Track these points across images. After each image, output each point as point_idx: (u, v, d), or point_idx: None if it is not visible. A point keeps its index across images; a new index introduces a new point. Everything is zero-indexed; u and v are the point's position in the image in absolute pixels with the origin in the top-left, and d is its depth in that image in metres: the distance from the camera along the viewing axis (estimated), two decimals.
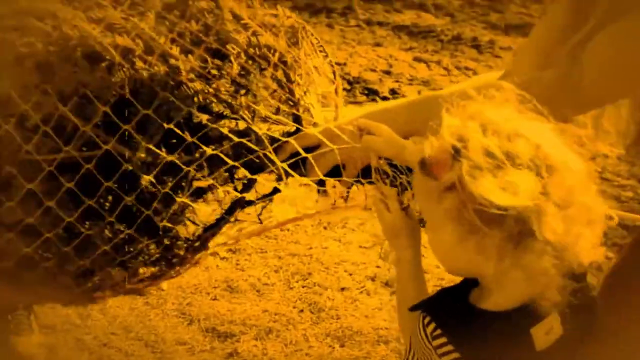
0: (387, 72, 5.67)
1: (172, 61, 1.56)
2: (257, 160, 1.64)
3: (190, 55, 1.57)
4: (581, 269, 1.33)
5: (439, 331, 1.32)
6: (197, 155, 1.60)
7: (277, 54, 1.67)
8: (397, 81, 5.52)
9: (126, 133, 1.56)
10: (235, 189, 1.74)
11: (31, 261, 1.64)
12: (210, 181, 1.67)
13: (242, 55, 1.63)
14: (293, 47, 1.74)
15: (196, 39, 1.60)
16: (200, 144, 1.58)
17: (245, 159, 1.62)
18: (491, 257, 1.24)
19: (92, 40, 1.54)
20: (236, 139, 1.58)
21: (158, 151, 1.54)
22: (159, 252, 1.74)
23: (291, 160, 1.62)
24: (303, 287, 3.24)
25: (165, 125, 1.54)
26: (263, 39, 1.66)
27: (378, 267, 3.36)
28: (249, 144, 1.60)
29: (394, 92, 5.31)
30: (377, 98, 5.22)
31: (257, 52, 1.66)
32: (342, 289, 3.23)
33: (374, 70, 5.70)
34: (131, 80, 1.54)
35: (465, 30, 6.29)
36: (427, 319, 1.34)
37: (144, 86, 1.54)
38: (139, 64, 1.55)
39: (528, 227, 1.20)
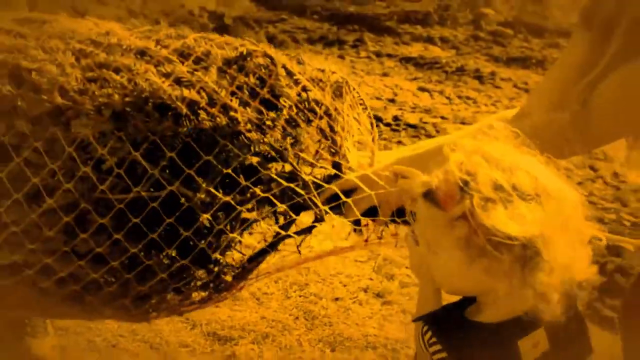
0: (392, 100, 5.71)
1: (232, 113, 1.59)
2: (301, 202, 1.67)
3: (247, 108, 1.62)
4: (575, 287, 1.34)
5: (434, 339, 1.35)
6: (248, 195, 1.64)
7: (323, 107, 1.71)
8: (400, 109, 5.55)
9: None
10: (277, 224, 1.78)
11: (97, 285, 1.68)
12: (258, 217, 1.70)
13: (293, 107, 1.67)
14: (337, 99, 1.78)
15: (253, 92, 1.65)
16: (252, 187, 1.62)
17: (293, 202, 1.66)
18: (499, 278, 1.27)
19: (162, 93, 1.58)
20: (285, 184, 1.63)
21: (216, 193, 1.59)
22: (209, 279, 1.77)
23: (333, 204, 1.67)
24: (300, 296, 3.30)
25: (224, 171, 1.58)
26: (312, 93, 1.70)
27: (371, 279, 3.42)
28: (296, 188, 1.64)
29: (396, 119, 5.33)
30: (381, 124, 5.24)
31: (306, 106, 1.69)
32: (336, 298, 3.29)
33: (379, 99, 5.74)
34: (195, 129, 1.58)
35: (469, 62, 6.31)
36: (425, 328, 1.37)
37: (206, 135, 1.59)
38: (203, 115, 1.58)
39: (534, 250, 1.22)
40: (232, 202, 1.63)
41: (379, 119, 5.28)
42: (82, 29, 1.69)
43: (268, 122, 1.63)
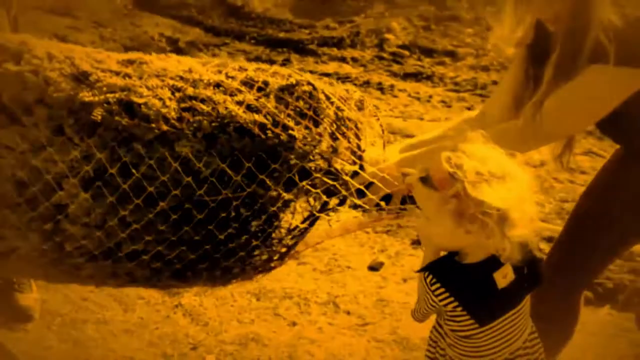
0: None
1: (290, 131, 1.76)
2: (337, 193, 1.86)
3: (300, 126, 1.79)
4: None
5: (434, 280, 1.49)
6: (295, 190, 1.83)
7: (352, 122, 1.89)
8: None
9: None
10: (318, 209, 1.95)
11: (194, 263, 1.81)
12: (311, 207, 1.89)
13: (333, 124, 1.86)
14: (359, 112, 1.97)
15: (302, 113, 1.81)
16: (307, 185, 1.81)
17: (332, 194, 1.84)
18: (479, 235, 1.41)
19: (239, 118, 1.72)
20: (330, 182, 1.82)
21: (282, 192, 1.75)
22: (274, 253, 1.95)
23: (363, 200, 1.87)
24: None
25: (286, 175, 1.76)
26: (345, 112, 1.88)
27: None
28: (337, 185, 1.83)
29: None
30: None
31: (341, 122, 1.88)
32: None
33: None
34: (265, 145, 1.75)
35: (373, 77, 6.40)
36: (426, 274, 1.50)
37: (273, 149, 1.76)
38: (270, 134, 1.74)
39: (506, 215, 1.38)
40: (293, 198, 1.80)
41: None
42: (171, 67, 1.80)
43: (316, 137, 1.78)
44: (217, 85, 1.78)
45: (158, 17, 8.51)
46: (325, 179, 1.82)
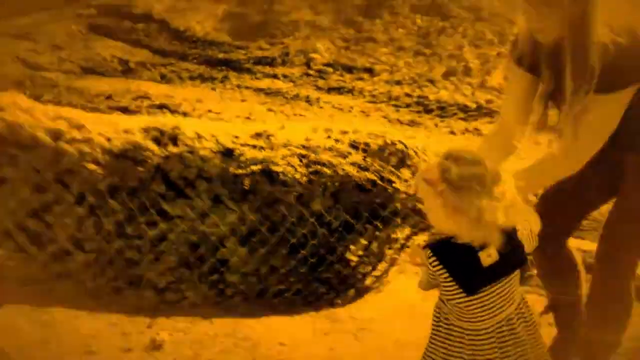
0: (248, 118, 5.67)
1: (393, 184, 2.02)
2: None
3: (397, 178, 2.06)
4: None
5: (433, 257, 1.58)
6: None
7: None
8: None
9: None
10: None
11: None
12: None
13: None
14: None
15: (398, 167, 2.07)
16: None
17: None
18: (464, 223, 1.51)
19: (354, 177, 1.98)
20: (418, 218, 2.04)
21: (391, 234, 1.98)
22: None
23: None
24: None
25: (364, 214, 2.00)
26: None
27: None
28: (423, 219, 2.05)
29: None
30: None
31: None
32: None
33: (239, 117, 5.66)
34: (377, 196, 2.00)
35: (302, 91, 6.50)
36: (426, 249, 1.60)
37: (383, 197, 2.02)
38: (379, 188, 2.01)
39: (482, 212, 1.47)
40: (378, 234, 2.04)
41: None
42: (291, 137, 1.97)
43: (389, 189, 2.05)
44: (330, 149, 1.98)
45: (110, 41, 8.47)
46: (418, 216, 2.05)
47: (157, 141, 1.78)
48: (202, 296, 1.80)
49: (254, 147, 1.90)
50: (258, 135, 1.95)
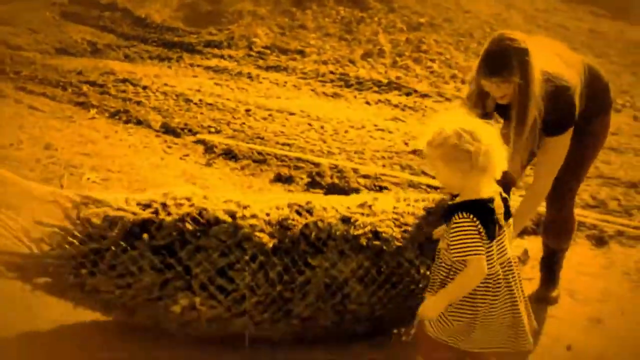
0: (198, 90, 5.93)
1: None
2: None
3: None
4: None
5: (464, 213, 1.64)
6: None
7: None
8: (203, 95, 5.80)
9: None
10: None
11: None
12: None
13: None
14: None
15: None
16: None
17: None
18: (461, 172, 1.61)
19: (425, 233, 2.15)
20: None
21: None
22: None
23: None
24: None
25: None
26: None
27: None
28: None
29: (200, 101, 5.55)
30: (192, 105, 5.48)
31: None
32: None
33: (190, 90, 5.93)
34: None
35: (244, 69, 6.67)
36: (459, 211, 1.65)
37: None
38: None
39: (477, 156, 1.58)
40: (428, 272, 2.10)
41: (189, 101, 5.59)
42: (384, 206, 2.22)
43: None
44: (413, 214, 2.22)
45: (80, 26, 8.68)
46: None
47: (299, 213, 2.13)
48: (331, 321, 2.15)
49: (362, 214, 2.19)
50: (362, 205, 2.23)
